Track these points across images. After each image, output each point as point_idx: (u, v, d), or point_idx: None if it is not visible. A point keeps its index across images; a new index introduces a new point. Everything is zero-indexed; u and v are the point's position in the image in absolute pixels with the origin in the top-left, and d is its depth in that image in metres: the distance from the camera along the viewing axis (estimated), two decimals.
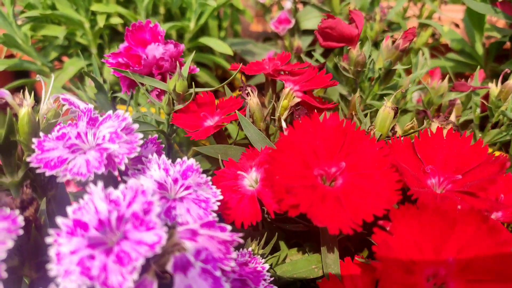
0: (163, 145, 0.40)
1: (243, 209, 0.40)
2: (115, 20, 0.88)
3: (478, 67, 0.66)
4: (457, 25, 0.94)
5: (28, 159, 0.32)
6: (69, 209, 0.28)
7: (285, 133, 0.52)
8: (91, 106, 0.36)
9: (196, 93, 0.56)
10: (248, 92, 0.54)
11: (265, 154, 0.43)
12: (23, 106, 0.35)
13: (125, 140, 0.33)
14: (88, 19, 0.91)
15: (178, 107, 0.53)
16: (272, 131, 0.58)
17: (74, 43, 0.98)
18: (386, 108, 0.48)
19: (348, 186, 0.35)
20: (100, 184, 0.29)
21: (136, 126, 0.34)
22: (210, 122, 0.55)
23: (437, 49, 0.94)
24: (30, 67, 0.97)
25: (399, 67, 0.59)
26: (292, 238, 0.50)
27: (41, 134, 0.34)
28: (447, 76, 0.65)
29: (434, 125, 0.58)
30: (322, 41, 0.59)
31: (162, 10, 1.03)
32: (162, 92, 0.57)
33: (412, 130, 0.53)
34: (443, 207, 0.31)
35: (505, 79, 0.63)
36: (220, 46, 0.87)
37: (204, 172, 0.64)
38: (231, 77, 0.52)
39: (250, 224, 0.39)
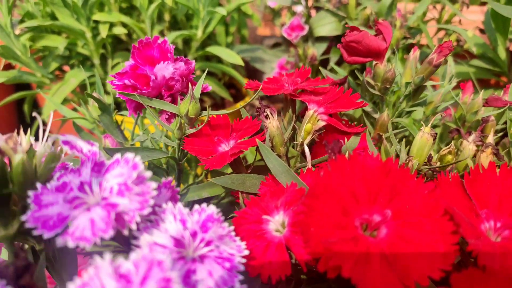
0: (178, 189, 0.35)
1: (270, 259, 0.35)
2: (119, 30, 0.83)
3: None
4: (481, 30, 0.88)
5: (23, 218, 0.27)
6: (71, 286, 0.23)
7: (309, 165, 0.47)
8: (95, 149, 0.31)
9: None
10: (267, 114, 0.49)
11: (293, 193, 0.38)
12: (17, 152, 0.30)
13: (136, 192, 0.28)
14: (89, 29, 0.86)
15: (190, 131, 0.48)
16: (292, 153, 0.52)
17: (76, 54, 0.93)
18: (424, 135, 0.43)
19: (395, 238, 0.30)
20: (108, 257, 0.24)
21: (149, 174, 0.29)
22: (225, 147, 0.50)
23: (461, 56, 0.89)
24: (29, 79, 0.93)
25: (431, 84, 0.54)
26: None
27: (38, 185, 0.29)
28: (481, 92, 0.59)
29: (469, 147, 0.53)
30: (347, 56, 0.53)
31: (167, 17, 0.98)
32: (172, 115, 0.52)
33: (450, 156, 0.48)
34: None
35: None
36: (230, 56, 0.82)
37: (217, 201, 0.59)
38: (252, 98, 0.47)
39: (279, 278, 0.34)
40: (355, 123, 0.67)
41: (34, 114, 0.35)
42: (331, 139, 0.55)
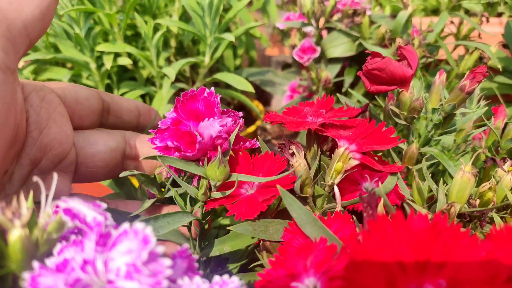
0: (195, 257, 0.31)
1: None
2: (124, 61, 0.80)
3: None
4: (505, 45, 0.84)
5: None
6: None
7: (338, 207, 0.43)
8: (100, 218, 0.27)
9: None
10: (293, 152, 0.45)
11: (323, 251, 0.33)
12: (15, 226, 0.26)
13: (147, 273, 0.24)
14: (94, 60, 0.83)
15: (216, 194, 0.43)
16: (318, 191, 0.48)
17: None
18: (465, 174, 0.38)
19: None
20: None
21: (161, 249, 0.25)
22: (249, 189, 0.46)
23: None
24: None
25: (463, 111, 0.49)
26: None
27: (35, 264, 0.25)
28: None
29: (508, 177, 0.48)
30: (370, 85, 0.49)
31: (173, 43, 0.95)
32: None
33: (491, 193, 0.43)
34: None
35: None
36: (239, 82, 0.78)
37: (235, 259, 0.55)
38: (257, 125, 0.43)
39: None
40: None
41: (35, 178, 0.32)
42: (359, 176, 0.51)
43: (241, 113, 0.49)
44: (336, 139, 0.44)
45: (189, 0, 0.80)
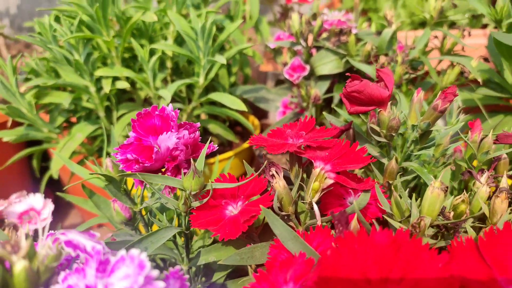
0: (186, 276, 0.34)
1: None
2: (122, 85, 0.84)
3: None
4: (486, 59, 0.87)
5: None
6: None
7: (319, 223, 0.46)
8: (99, 247, 0.31)
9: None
10: (273, 174, 0.48)
11: (302, 264, 0.36)
12: (18, 259, 0.29)
13: None
14: (93, 83, 0.87)
15: (195, 204, 0.47)
16: (301, 207, 0.51)
17: (81, 107, 0.94)
18: (434, 190, 0.42)
19: None
20: None
21: (156, 273, 0.28)
22: (233, 210, 0.49)
23: (467, 85, 0.88)
24: (36, 136, 0.94)
25: (437, 128, 0.52)
26: None
27: None
28: (491, 131, 0.58)
29: (483, 189, 0.52)
30: (349, 106, 0.53)
31: (169, 64, 0.99)
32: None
33: (463, 206, 0.46)
34: None
35: None
36: (233, 102, 0.81)
37: (222, 268, 0.58)
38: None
39: None
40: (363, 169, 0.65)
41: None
42: (344, 191, 0.54)
43: (198, 124, 0.52)
44: (313, 160, 0.47)
45: (182, 24, 0.84)
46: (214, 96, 0.84)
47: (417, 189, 0.64)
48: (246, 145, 1.09)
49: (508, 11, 0.86)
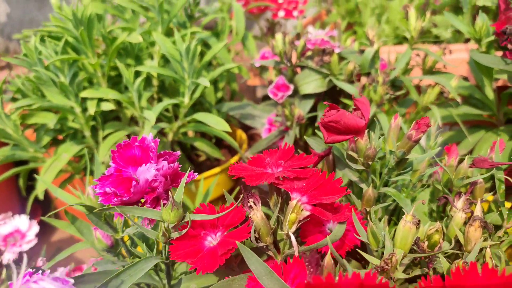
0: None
1: None
2: (107, 106, 0.84)
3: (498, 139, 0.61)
4: (465, 78, 0.89)
5: None
6: None
7: (296, 253, 0.47)
8: None
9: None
10: (251, 205, 0.49)
11: None
12: None
13: None
14: (78, 104, 0.87)
15: (174, 234, 0.47)
16: (281, 236, 0.52)
17: (67, 127, 0.94)
18: (406, 224, 0.43)
19: None
20: None
21: None
22: (212, 241, 0.50)
23: (452, 100, 0.89)
24: (22, 156, 0.94)
25: (414, 156, 0.54)
26: None
27: None
28: (467, 157, 0.59)
29: (459, 215, 0.53)
30: (327, 136, 0.54)
31: (155, 82, 1.00)
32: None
33: (437, 236, 0.47)
34: None
35: None
36: (217, 123, 0.82)
37: None
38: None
39: None
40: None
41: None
42: (319, 219, 0.55)
43: (178, 153, 0.53)
44: (289, 192, 0.48)
45: (167, 46, 0.85)
46: (199, 116, 0.85)
47: (397, 211, 0.65)
48: (233, 160, 1.09)
49: (487, 30, 0.87)
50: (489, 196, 0.62)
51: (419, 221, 0.43)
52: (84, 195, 0.64)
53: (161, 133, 0.97)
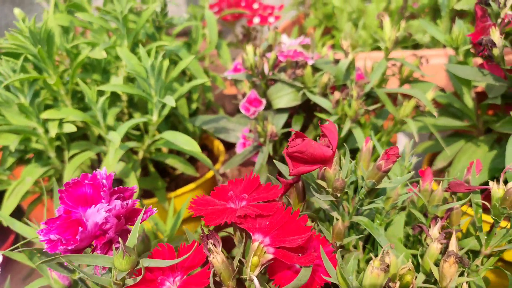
0: None
1: None
2: (69, 128, 0.80)
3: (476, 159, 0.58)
4: (442, 90, 0.86)
5: None
6: None
7: None
8: None
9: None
10: (210, 247, 0.45)
11: None
12: None
13: None
14: (40, 125, 0.83)
15: (129, 281, 0.44)
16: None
17: (31, 149, 0.89)
18: (374, 270, 0.40)
19: None
20: None
21: None
22: (170, 287, 0.47)
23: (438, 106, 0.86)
24: None
25: (384, 186, 0.51)
26: None
27: None
28: (441, 183, 0.56)
29: (433, 247, 0.50)
30: (292, 167, 0.50)
31: (124, 97, 0.96)
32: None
33: (409, 276, 0.44)
34: None
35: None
36: (186, 143, 0.79)
37: None
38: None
39: None
40: None
41: None
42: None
43: (134, 187, 0.49)
44: (251, 233, 0.45)
45: (133, 63, 0.81)
46: (167, 135, 0.81)
47: (371, 239, 0.62)
48: (209, 175, 1.06)
49: (464, 38, 0.85)
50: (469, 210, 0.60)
51: (388, 265, 0.40)
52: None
53: (132, 150, 0.93)
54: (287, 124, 0.89)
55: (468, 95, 0.90)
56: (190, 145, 0.78)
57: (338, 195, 0.51)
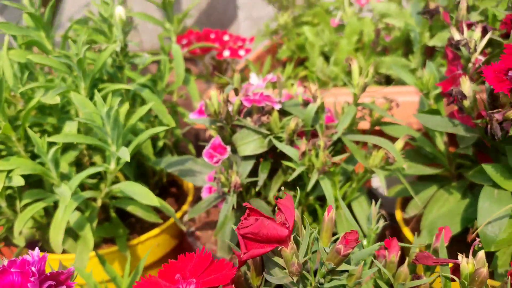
0: None
1: None
2: (17, 181, 0.74)
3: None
4: (412, 139, 0.84)
5: None
6: None
7: None
8: None
9: None
10: None
11: None
12: None
13: None
14: None
15: None
16: None
17: None
18: None
19: None
20: None
21: None
22: None
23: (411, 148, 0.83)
24: None
25: (345, 268, 0.47)
26: None
27: None
28: (407, 260, 0.53)
29: None
30: (245, 249, 0.46)
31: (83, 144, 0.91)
32: None
33: None
34: None
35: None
36: (143, 196, 0.74)
37: None
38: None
39: None
40: None
41: None
42: None
43: (71, 270, 0.45)
44: None
45: (88, 108, 0.76)
46: (124, 187, 0.76)
47: None
48: (177, 215, 1.01)
49: (435, 82, 0.82)
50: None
51: None
52: None
53: (87, 204, 0.88)
54: (255, 170, 0.85)
55: (440, 138, 0.87)
56: (147, 199, 0.73)
57: (298, 276, 0.47)
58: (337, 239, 0.48)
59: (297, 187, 0.87)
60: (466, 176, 0.80)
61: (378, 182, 1.22)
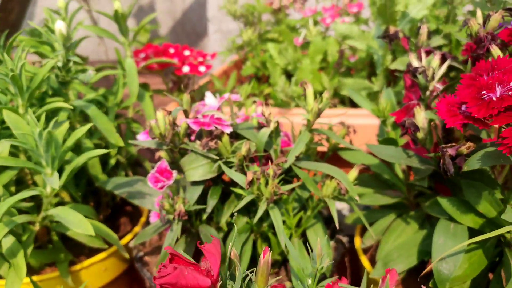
0: None
1: None
2: None
3: None
4: (367, 168, 0.80)
5: None
6: None
7: None
8: None
9: None
10: None
11: None
12: None
13: None
14: None
15: None
16: None
17: None
18: None
19: None
20: None
21: None
22: None
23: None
24: None
25: None
26: None
27: None
28: None
29: None
30: None
31: (22, 157, 0.85)
32: None
33: None
34: None
35: None
36: (78, 224, 0.68)
37: None
38: None
39: None
40: None
41: None
42: None
43: None
44: None
45: (22, 130, 0.70)
46: (57, 212, 0.70)
47: None
48: (127, 238, 0.96)
49: (393, 109, 0.80)
50: None
51: None
52: None
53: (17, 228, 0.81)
54: (205, 195, 0.80)
55: (398, 166, 0.84)
56: (82, 227, 0.68)
57: None
58: None
59: (250, 214, 0.84)
60: (422, 206, 0.77)
61: (340, 204, 1.19)
